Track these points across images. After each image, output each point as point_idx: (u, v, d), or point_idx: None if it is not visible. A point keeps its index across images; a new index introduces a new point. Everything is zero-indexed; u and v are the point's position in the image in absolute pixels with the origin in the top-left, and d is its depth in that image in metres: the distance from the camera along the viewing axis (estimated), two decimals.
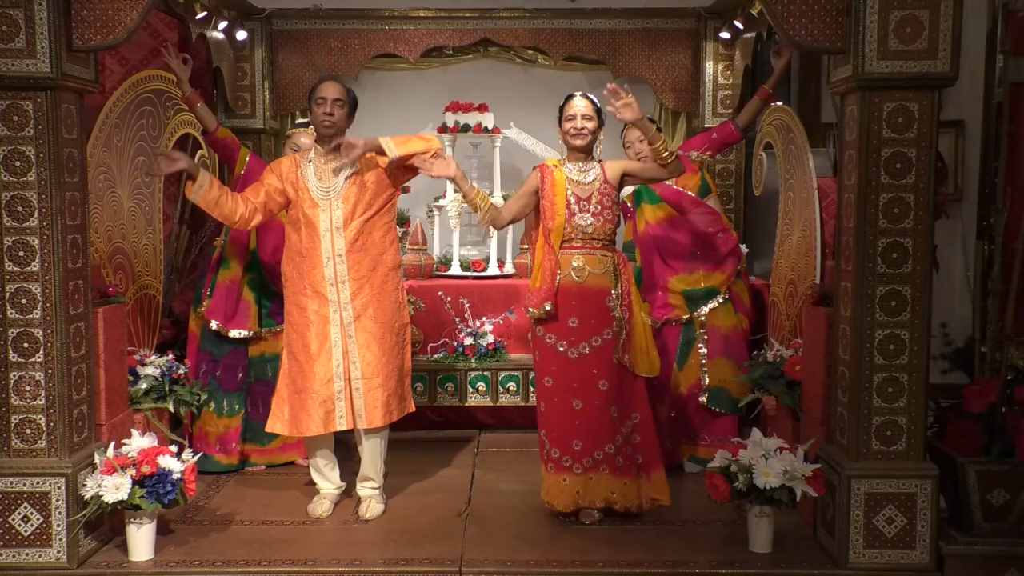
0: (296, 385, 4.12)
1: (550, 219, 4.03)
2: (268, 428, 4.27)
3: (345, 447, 4.49)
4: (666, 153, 3.89)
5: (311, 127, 4.81)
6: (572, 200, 4.01)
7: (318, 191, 4.06)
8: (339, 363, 4.06)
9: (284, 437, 4.81)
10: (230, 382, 4.82)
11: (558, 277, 4.01)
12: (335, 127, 4.09)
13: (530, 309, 4.06)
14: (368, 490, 4.25)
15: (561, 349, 4.02)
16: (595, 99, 4.08)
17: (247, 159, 4.84)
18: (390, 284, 4.16)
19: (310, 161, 4.12)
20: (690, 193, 4.88)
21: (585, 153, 4.07)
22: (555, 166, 4.09)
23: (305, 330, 4.08)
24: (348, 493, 4.35)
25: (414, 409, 4.33)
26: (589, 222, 4.00)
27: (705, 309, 4.84)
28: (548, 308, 4.01)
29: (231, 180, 5.04)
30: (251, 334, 4.80)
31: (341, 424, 4.08)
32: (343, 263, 4.05)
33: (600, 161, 4.11)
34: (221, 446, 4.81)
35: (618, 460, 4.03)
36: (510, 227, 5.84)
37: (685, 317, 4.85)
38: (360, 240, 4.06)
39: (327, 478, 4.29)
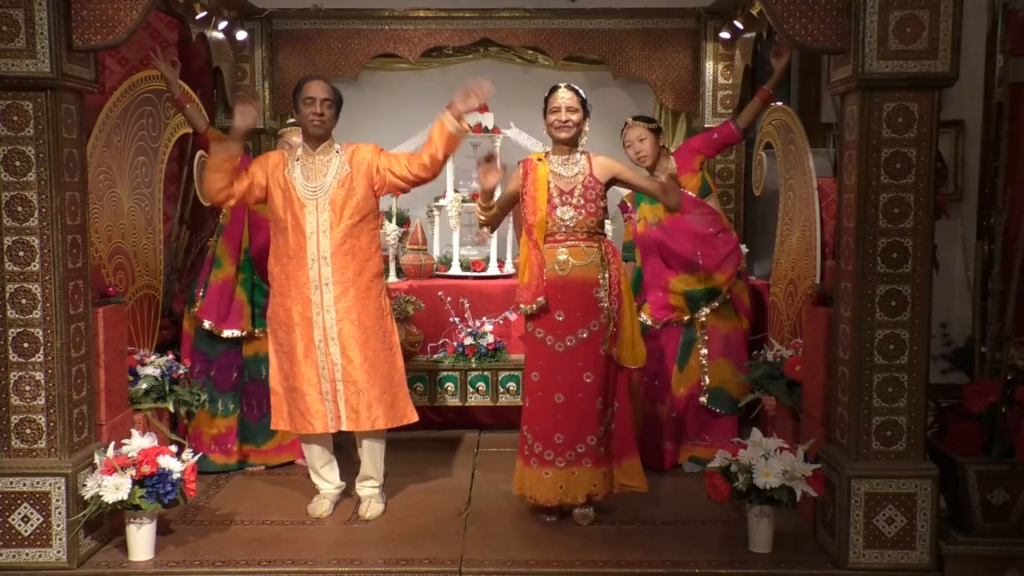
0: (289, 383, 4.12)
1: (531, 214, 4.03)
2: (272, 426, 4.28)
3: (343, 447, 4.48)
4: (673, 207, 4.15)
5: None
6: (555, 193, 4.00)
7: (305, 191, 4.04)
8: (323, 365, 4.06)
9: (280, 437, 4.82)
10: (224, 382, 4.82)
11: (545, 271, 4.00)
12: (325, 127, 4.07)
13: (521, 305, 4.06)
14: (368, 489, 4.25)
15: (548, 343, 4.01)
16: (579, 90, 4.07)
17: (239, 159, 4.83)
18: (374, 291, 4.14)
19: (297, 159, 4.09)
20: (690, 193, 4.87)
21: (570, 145, 4.06)
22: (539, 160, 4.08)
23: (291, 331, 4.08)
24: (348, 493, 4.35)
25: (414, 419, 4.24)
26: (571, 215, 3.98)
27: (706, 310, 4.84)
28: (541, 302, 4.01)
29: None
30: (244, 334, 4.79)
31: (332, 427, 4.09)
32: (328, 265, 4.03)
33: (587, 153, 4.09)
34: (217, 446, 4.81)
35: (600, 451, 4.02)
36: (510, 227, 5.87)
37: (686, 318, 4.85)
38: (348, 243, 4.04)
39: (325, 478, 4.29)
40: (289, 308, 4.08)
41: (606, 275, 4.00)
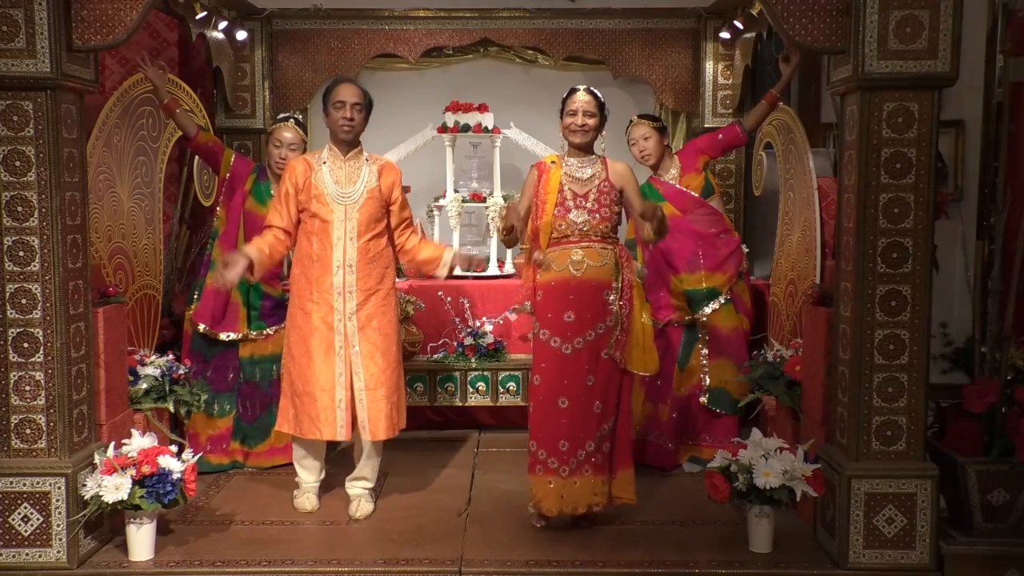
0: (296, 388, 4.12)
1: (538, 217, 3.98)
2: (277, 427, 4.29)
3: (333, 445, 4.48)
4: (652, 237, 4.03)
5: (291, 121, 4.82)
6: (568, 196, 3.95)
7: (335, 197, 4.03)
8: (341, 372, 4.05)
9: (272, 440, 4.84)
10: (220, 383, 4.81)
11: (559, 271, 3.97)
12: (354, 132, 4.07)
13: (515, 305, 4.10)
14: (359, 489, 4.25)
15: (555, 345, 3.94)
16: (599, 94, 4.02)
17: (232, 161, 4.82)
18: (392, 297, 4.17)
19: (324, 163, 4.08)
20: (693, 193, 4.87)
21: (584, 150, 4.02)
22: (553, 163, 4.03)
23: (309, 335, 4.07)
24: (346, 495, 4.34)
25: (404, 426, 4.29)
26: (584, 219, 3.94)
27: (707, 310, 4.83)
28: (528, 306, 4.06)
29: (216, 183, 5.02)
30: (240, 336, 4.79)
31: (341, 434, 4.07)
32: (353, 273, 4.04)
33: (603, 158, 4.06)
34: (212, 446, 4.81)
35: (596, 457, 3.96)
36: None
37: (688, 319, 4.84)
38: (372, 251, 4.06)
39: (312, 473, 4.29)
40: (309, 312, 4.07)
41: (619, 279, 3.96)
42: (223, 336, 4.76)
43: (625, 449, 4.05)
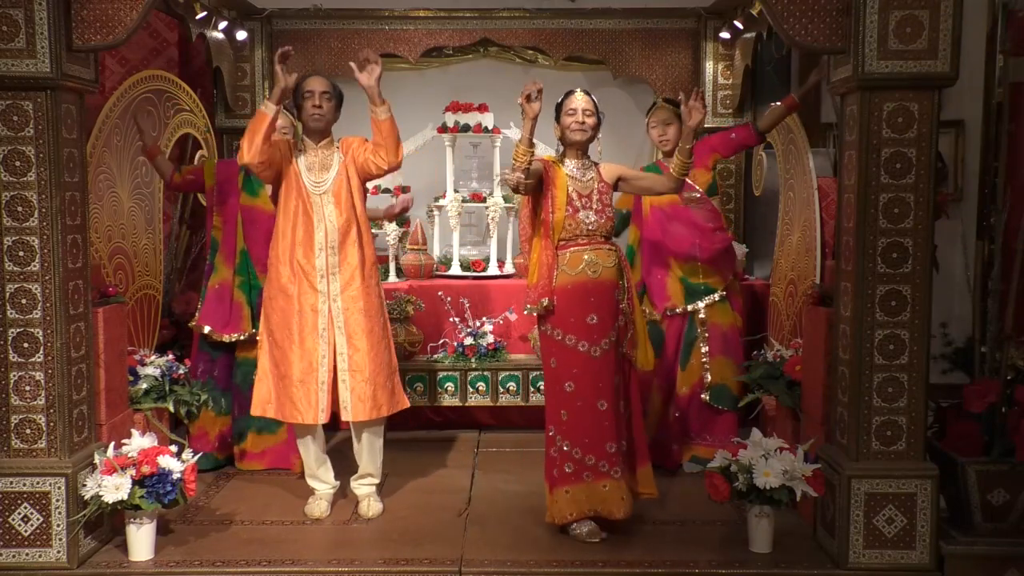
0: (280, 370, 4.09)
1: (550, 212, 3.93)
2: (252, 411, 4.20)
3: (339, 448, 4.48)
4: (683, 169, 3.97)
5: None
6: (575, 196, 3.94)
7: (311, 183, 4.07)
8: (324, 354, 4.05)
9: (260, 441, 4.83)
10: (227, 381, 4.83)
11: (555, 272, 3.92)
12: (324, 120, 4.10)
13: (528, 305, 3.97)
14: (366, 487, 4.24)
15: (583, 349, 3.88)
16: (594, 97, 4.03)
17: (213, 170, 4.81)
18: (374, 278, 4.19)
19: (300, 151, 4.12)
20: (697, 187, 4.87)
21: (582, 151, 4.03)
22: (554, 162, 4.03)
23: (291, 317, 4.07)
24: (344, 494, 4.34)
25: (408, 404, 4.28)
26: (592, 219, 3.93)
27: (701, 304, 4.83)
28: (546, 303, 3.90)
29: (206, 196, 5.00)
30: (245, 336, 4.79)
31: (321, 417, 4.04)
32: (335, 255, 4.06)
33: (596, 163, 4.08)
34: (220, 443, 4.82)
35: (623, 458, 3.97)
36: (510, 227, 5.87)
37: (679, 309, 4.83)
38: (352, 233, 4.09)
39: (321, 479, 4.26)
40: (291, 295, 4.08)
41: (624, 279, 3.99)
42: (227, 338, 4.76)
43: (643, 445, 4.07)
